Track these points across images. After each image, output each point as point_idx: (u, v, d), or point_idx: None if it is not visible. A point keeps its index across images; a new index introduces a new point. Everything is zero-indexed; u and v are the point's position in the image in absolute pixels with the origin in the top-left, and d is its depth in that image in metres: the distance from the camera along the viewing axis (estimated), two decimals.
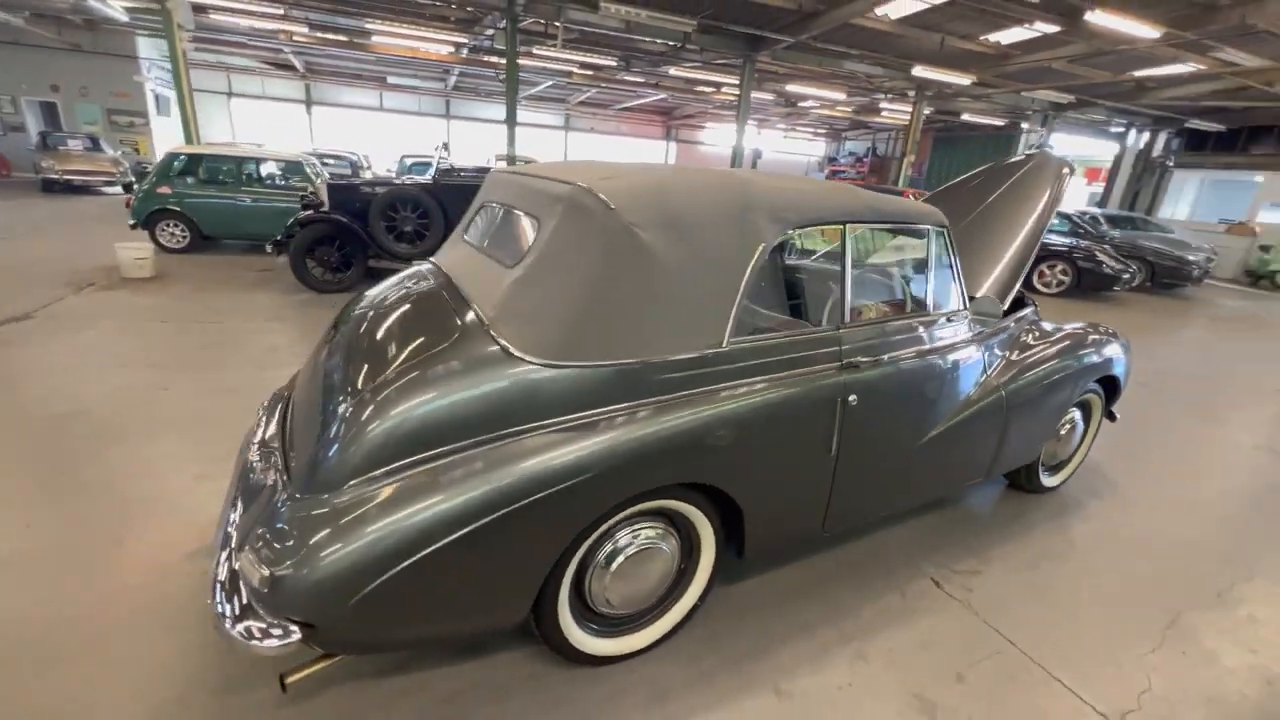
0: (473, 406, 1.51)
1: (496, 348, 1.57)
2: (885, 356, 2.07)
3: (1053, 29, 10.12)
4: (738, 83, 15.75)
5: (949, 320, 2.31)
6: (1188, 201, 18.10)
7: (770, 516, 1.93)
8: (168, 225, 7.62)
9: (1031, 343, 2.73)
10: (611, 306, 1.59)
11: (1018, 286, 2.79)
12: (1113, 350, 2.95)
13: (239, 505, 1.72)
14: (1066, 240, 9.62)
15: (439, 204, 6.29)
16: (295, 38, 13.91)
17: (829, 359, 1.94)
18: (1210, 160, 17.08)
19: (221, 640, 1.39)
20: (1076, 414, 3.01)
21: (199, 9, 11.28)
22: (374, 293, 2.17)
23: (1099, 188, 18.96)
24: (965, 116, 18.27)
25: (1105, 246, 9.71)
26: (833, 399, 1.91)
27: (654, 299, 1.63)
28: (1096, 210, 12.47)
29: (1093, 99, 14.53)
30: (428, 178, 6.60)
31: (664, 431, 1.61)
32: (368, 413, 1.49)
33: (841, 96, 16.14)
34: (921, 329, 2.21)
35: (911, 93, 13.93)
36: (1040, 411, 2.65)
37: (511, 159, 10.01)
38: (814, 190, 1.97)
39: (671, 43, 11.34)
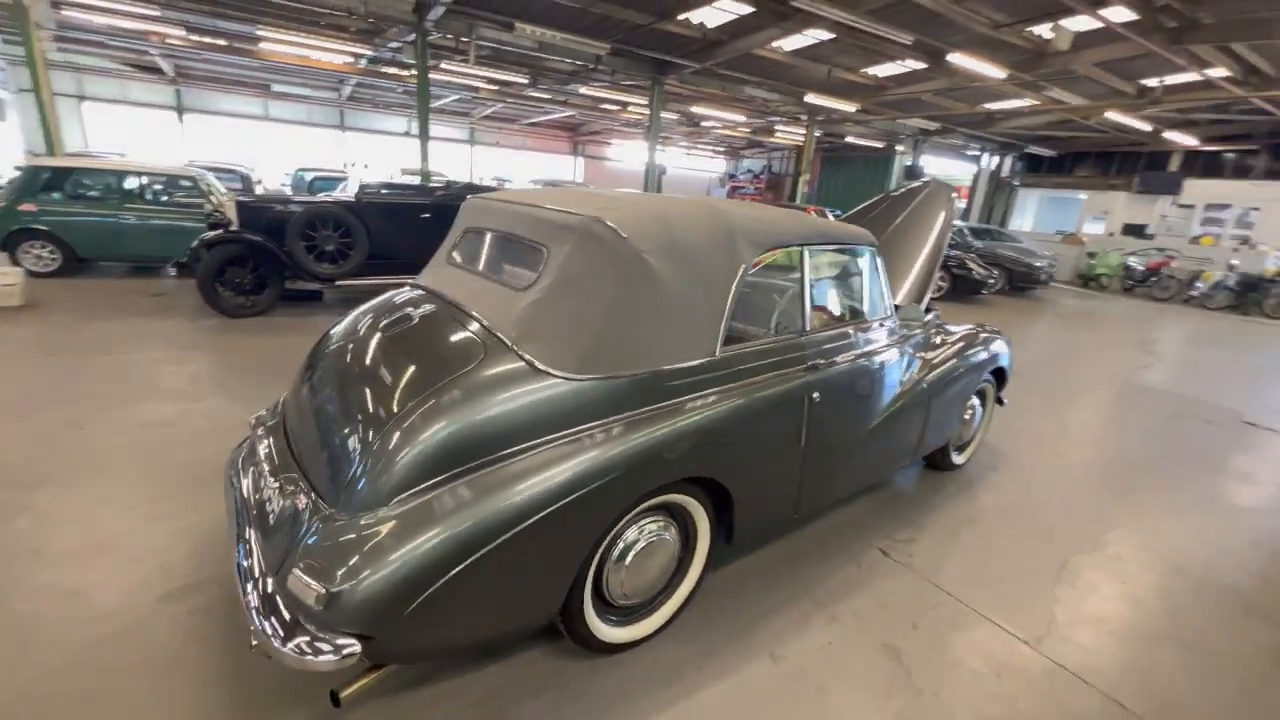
0: (506, 420, 1.64)
1: (522, 364, 1.71)
2: (838, 358, 2.41)
3: (920, 65, 11.49)
4: (645, 102, 16.37)
5: (882, 325, 2.71)
6: (1031, 215, 20.98)
7: (755, 503, 2.19)
8: (33, 246, 6.77)
9: (939, 343, 3.22)
10: (625, 324, 1.79)
11: (929, 295, 3.28)
12: (999, 346, 3.53)
13: (256, 531, 1.72)
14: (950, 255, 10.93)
15: (362, 223, 6.11)
16: (169, 40, 12.74)
17: (797, 362, 2.24)
18: (1045, 180, 19.93)
19: (274, 661, 1.41)
20: (976, 401, 3.56)
21: (54, 3, 10.09)
22: (371, 313, 2.20)
23: (962, 204, 21.49)
24: (849, 139, 20.07)
25: (973, 255, 11.12)
26: (801, 396, 2.21)
27: (659, 316, 1.85)
28: (962, 223, 14.18)
29: (954, 127, 16.54)
30: (349, 195, 6.38)
31: (674, 432, 1.82)
32: (410, 430, 1.57)
33: (741, 118, 17.22)
34: (863, 333, 2.59)
35: (804, 117, 15.16)
36: (952, 400, 3.13)
37: (427, 175, 9.83)
38: (777, 217, 2.28)
39: (583, 63, 11.64)
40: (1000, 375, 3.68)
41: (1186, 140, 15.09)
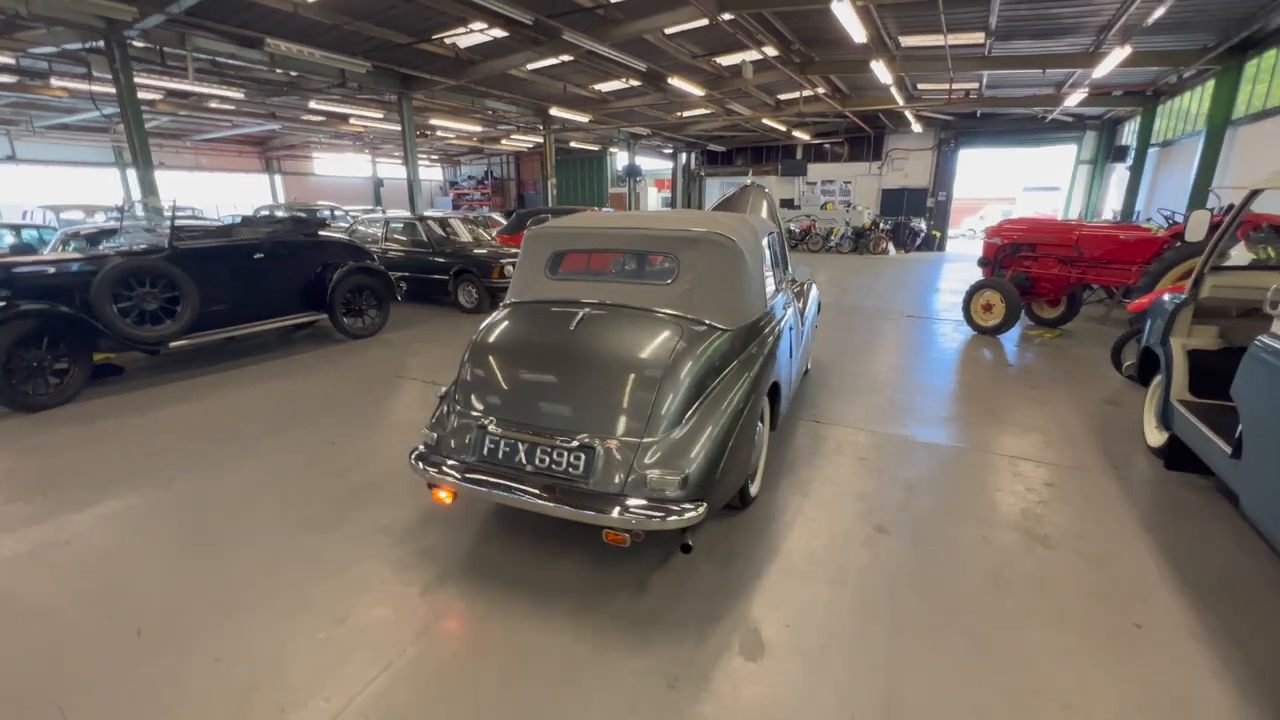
0: (710, 359, 2.62)
1: (705, 327, 2.69)
2: (798, 301, 3.87)
3: (638, 84, 13.85)
4: (375, 115, 15.68)
5: (794, 281, 4.27)
6: (714, 198, 26.29)
7: (785, 398, 3.50)
8: None
9: (800, 291, 4.96)
10: (740, 294, 2.89)
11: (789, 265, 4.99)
12: (815, 291, 5.46)
13: (584, 470, 2.35)
14: None
15: (187, 274, 5.36)
16: None
17: (789, 304, 3.61)
18: (721, 170, 25.17)
19: (655, 531, 2.20)
20: None
21: None
22: (540, 323, 2.81)
23: (667, 193, 25.71)
24: (573, 144, 22.21)
25: None
26: (790, 326, 3.59)
27: (750, 288, 2.99)
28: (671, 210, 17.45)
29: (658, 131, 19.86)
30: (160, 243, 5.46)
31: (769, 353, 3.00)
32: (677, 381, 2.45)
33: (477, 128, 17.73)
34: (793, 289, 4.09)
35: (540, 126, 16.51)
36: (811, 327, 4.90)
37: (155, 207, 8.31)
38: (761, 217, 3.58)
39: (326, 79, 10.91)
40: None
41: (804, 137, 20.99)
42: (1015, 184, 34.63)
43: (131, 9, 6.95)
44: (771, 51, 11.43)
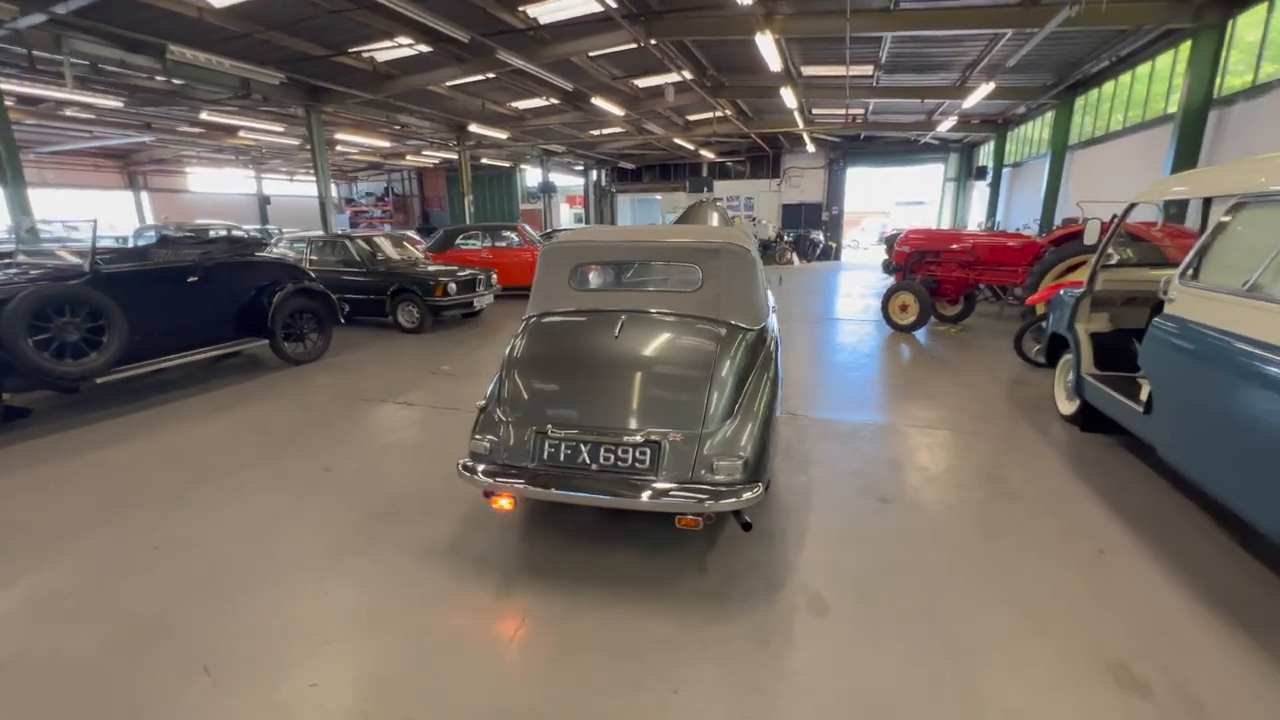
0: (746, 358, 2.90)
1: (733, 327, 2.97)
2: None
3: (555, 101, 14.07)
4: (275, 127, 14.69)
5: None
6: (628, 213, 26.93)
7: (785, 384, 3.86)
8: None
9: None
10: (757, 297, 3.20)
11: None
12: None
13: (651, 465, 2.52)
14: None
15: (114, 300, 4.85)
16: None
17: (774, 307, 3.98)
18: (631, 187, 25.88)
19: (725, 512, 2.43)
20: None
21: None
22: (586, 331, 2.98)
23: (579, 210, 25.97)
24: (484, 160, 21.89)
25: None
26: (777, 325, 3.97)
27: (760, 292, 3.30)
28: (586, 226, 17.72)
29: (572, 148, 20.13)
30: (80, 266, 4.89)
31: (777, 351, 3.33)
32: (724, 379, 2.70)
33: (385, 144, 17.06)
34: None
35: (454, 142, 16.21)
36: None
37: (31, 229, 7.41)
38: (742, 229, 3.92)
39: (219, 88, 10.13)
40: None
41: (710, 155, 22.16)
42: (889, 199, 38.52)
43: (11, 8, 6.16)
44: (688, 75, 12.11)
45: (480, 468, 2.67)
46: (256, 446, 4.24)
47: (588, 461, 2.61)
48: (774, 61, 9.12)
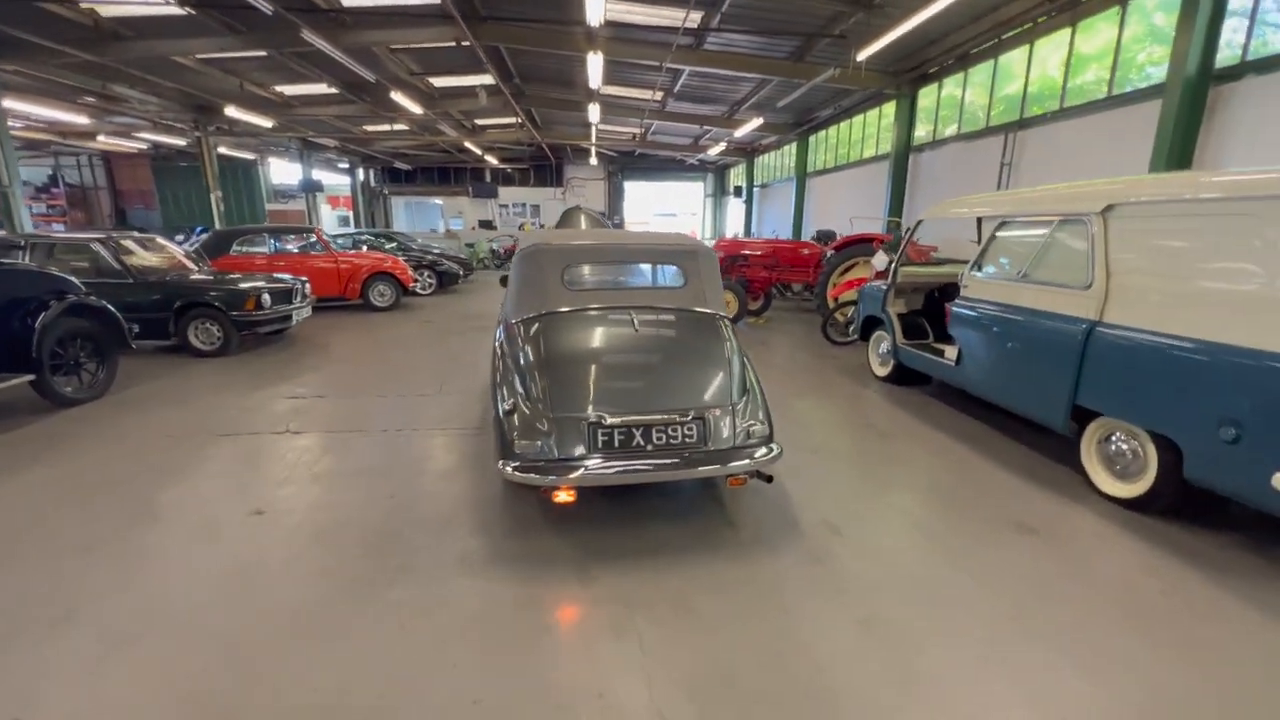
0: (736, 341, 3.41)
1: (720, 315, 3.45)
2: None
3: (334, 90, 12.63)
4: None
5: None
6: (404, 217, 25.00)
7: None
8: None
9: None
10: (722, 290, 3.72)
11: None
12: None
13: (724, 430, 2.86)
14: (407, 255, 12.61)
15: None
16: None
17: None
18: (405, 189, 24.13)
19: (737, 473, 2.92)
20: None
21: None
22: (604, 323, 3.16)
23: (345, 211, 23.25)
24: (220, 149, 18.16)
25: (432, 254, 13.65)
26: None
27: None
28: (352, 230, 16.24)
29: (343, 143, 18.02)
30: None
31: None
32: (736, 361, 3.17)
33: (84, 120, 13.12)
34: None
35: (194, 124, 13.28)
36: None
37: None
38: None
39: None
40: None
41: (493, 161, 21.98)
42: (648, 211, 42.66)
43: None
44: (490, 80, 12.07)
45: (537, 466, 2.70)
46: (116, 512, 3.29)
47: (642, 443, 2.84)
48: (595, 78, 9.76)
